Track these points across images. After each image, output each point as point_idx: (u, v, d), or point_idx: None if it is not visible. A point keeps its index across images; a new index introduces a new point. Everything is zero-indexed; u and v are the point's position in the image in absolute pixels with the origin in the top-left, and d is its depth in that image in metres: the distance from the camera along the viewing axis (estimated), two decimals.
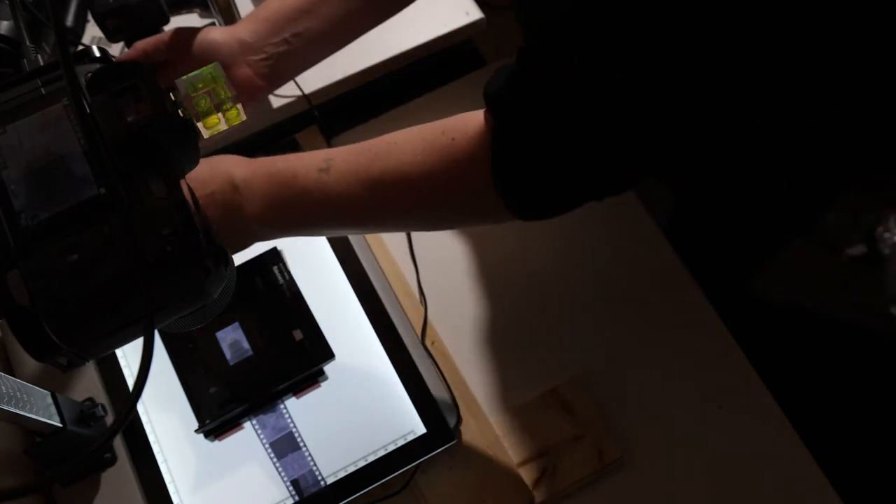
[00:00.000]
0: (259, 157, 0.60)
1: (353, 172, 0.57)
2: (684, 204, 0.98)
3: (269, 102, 0.88)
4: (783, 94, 0.51)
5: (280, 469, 0.71)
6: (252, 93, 0.68)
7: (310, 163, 0.58)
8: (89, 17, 0.89)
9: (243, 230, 0.60)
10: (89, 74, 0.41)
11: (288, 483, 0.70)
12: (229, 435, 0.72)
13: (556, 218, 0.81)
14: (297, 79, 0.88)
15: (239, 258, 0.73)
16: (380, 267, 0.79)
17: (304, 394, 0.73)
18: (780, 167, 0.57)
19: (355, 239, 0.79)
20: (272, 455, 0.71)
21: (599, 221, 0.83)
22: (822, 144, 0.54)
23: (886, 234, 1.43)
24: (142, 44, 0.70)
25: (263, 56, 0.69)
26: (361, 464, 0.70)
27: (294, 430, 0.72)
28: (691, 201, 0.98)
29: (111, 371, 0.75)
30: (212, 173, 0.59)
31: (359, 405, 0.73)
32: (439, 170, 0.55)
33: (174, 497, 0.70)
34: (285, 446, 0.71)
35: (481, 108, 0.60)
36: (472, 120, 0.54)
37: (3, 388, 0.58)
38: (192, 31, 0.68)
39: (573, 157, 0.52)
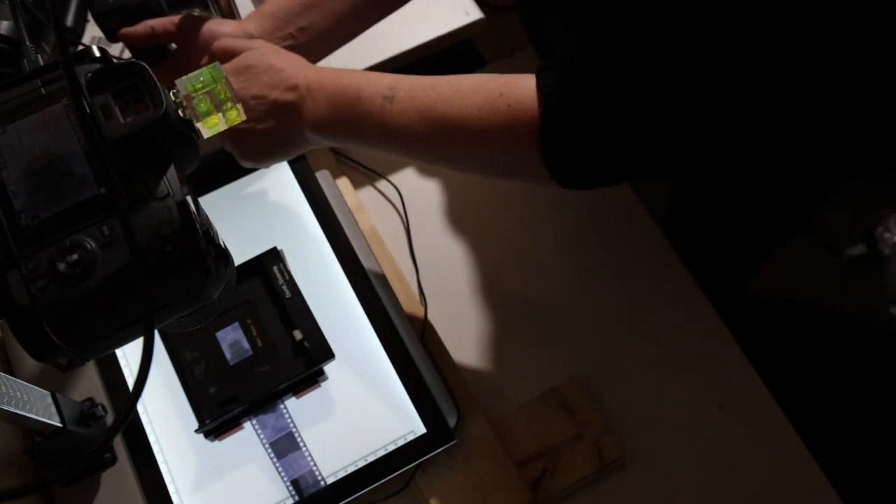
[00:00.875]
0: (325, 68, 0.64)
1: (416, 109, 0.60)
2: (683, 202, 0.98)
3: None
4: (783, 94, 0.51)
5: (280, 469, 0.71)
6: None
7: (375, 87, 0.61)
8: (89, 17, 0.89)
9: (298, 136, 0.64)
10: (89, 74, 0.41)
11: (288, 483, 0.70)
12: (229, 435, 0.72)
13: (556, 218, 0.82)
14: None
15: (239, 258, 0.73)
16: (380, 267, 0.79)
17: (304, 394, 0.73)
18: (779, 166, 0.57)
19: (355, 239, 0.79)
20: (272, 455, 0.71)
21: (599, 221, 0.83)
22: (822, 143, 0.54)
23: (886, 234, 1.43)
24: (151, 21, 0.71)
25: None
26: (361, 464, 0.70)
27: (294, 430, 0.72)
28: (690, 200, 0.98)
29: (111, 371, 0.75)
30: (276, 79, 0.63)
31: (359, 405, 0.73)
32: (494, 129, 0.58)
33: (174, 497, 0.70)
34: (285, 446, 0.71)
35: None
36: (527, 89, 0.57)
37: (3, 388, 0.58)
38: (201, 20, 0.69)
39: (608, 144, 0.56)
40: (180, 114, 0.44)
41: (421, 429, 0.71)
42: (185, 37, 0.71)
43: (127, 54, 0.87)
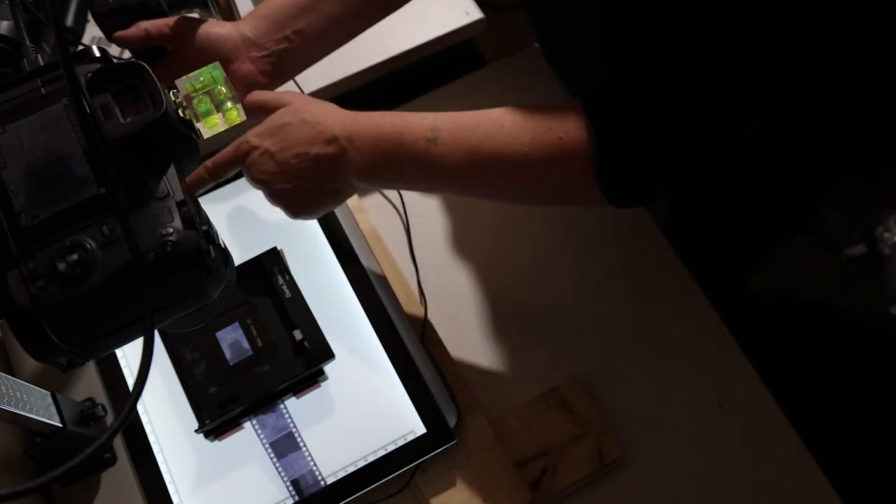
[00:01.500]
0: (360, 113, 0.64)
1: (462, 149, 0.60)
2: (683, 202, 0.98)
3: None
4: (783, 94, 0.51)
5: (280, 469, 0.71)
6: (254, 89, 0.68)
7: (417, 130, 0.61)
8: (89, 17, 0.89)
9: (345, 186, 0.64)
10: (89, 74, 0.41)
11: (288, 483, 0.70)
12: (229, 435, 0.72)
13: (556, 218, 0.82)
14: (297, 78, 0.88)
15: (239, 258, 0.73)
16: (380, 267, 0.79)
17: (304, 394, 0.73)
18: (779, 166, 0.57)
19: (355, 239, 0.79)
20: (272, 455, 0.71)
21: (599, 221, 0.83)
22: (822, 143, 0.54)
23: (886, 234, 1.43)
24: (145, 24, 0.71)
25: (266, 52, 0.70)
26: (361, 464, 0.70)
27: (294, 430, 0.72)
28: (690, 200, 0.98)
29: (111, 371, 0.75)
30: (313, 135, 0.62)
31: (359, 405, 0.73)
32: (546, 163, 0.58)
33: (174, 497, 0.70)
34: (285, 446, 0.71)
35: (481, 108, 0.60)
36: (576, 119, 0.57)
37: (3, 388, 0.58)
38: (196, 22, 0.69)
39: (663, 162, 0.56)
40: (180, 114, 0.44)
41: (421, 429, 0.71)
42: (181, 39, 0.70)
43: (127, 54, 0.87)
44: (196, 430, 0.70)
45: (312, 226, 0.80)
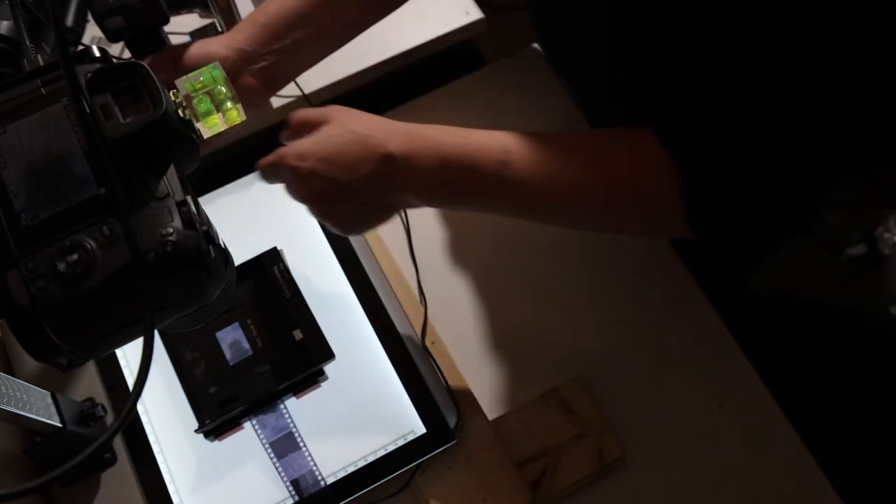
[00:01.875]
0: (415, 127, 0.60)
1: (536, 176, 0.57)
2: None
3: (269, 102, 0.88)
4: (783, 94, 0.51)
5: (280, 469, 0.71)
6: (254, 100, 0.68)
7: (487, 152, 0.58)
8: (89, 17, 0.89)
9: (402, 203, 0.61)
10: (89, 74, 0.41)
11: (288, 483, 0.70)
12: (229, 435, 0.72)
13: None
14: (297, 79, 0.88)
15: (239, 258, 0.73)
16: (380, 267, 0.79)
17: (304, 394, 0.73)
18: (780, 166, 0.57)
19: (355, 239, 0.79)
20: (272, 455, 0.71)
21: None
22: (823, 143, 0.54)
23: (886, 234, 1.43)
24: (148, 61, 0.68)
25: (264, 64, 0.68)
26: (361, 464, 0.70)
27: (294, 430, 0.72)
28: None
29: (111, 371, 0.75)
30: (365, 152, 0.58)
31: (359, 405, 0.73)
32: (626, 194, 0.57)
33: (174, 497, 0.70)
34: (285, 446, 0.71)
35: (479, 109, 0.60)
36: (656, 151, 0.55)
37: (3, 388, 0.58)
38: (193, 46, 0.67)
39: (750, 193, 0.54)
40: (180, 114, 0.44)
41: (421, 429, 0.71)
42: (183, 68, 0.68)
43: (127, 54, 0.87)
44: (196, 430, 0.70)
45: (312, 226, 0.80)
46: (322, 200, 0.60)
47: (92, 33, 0.90)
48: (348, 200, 0.59)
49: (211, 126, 0.47)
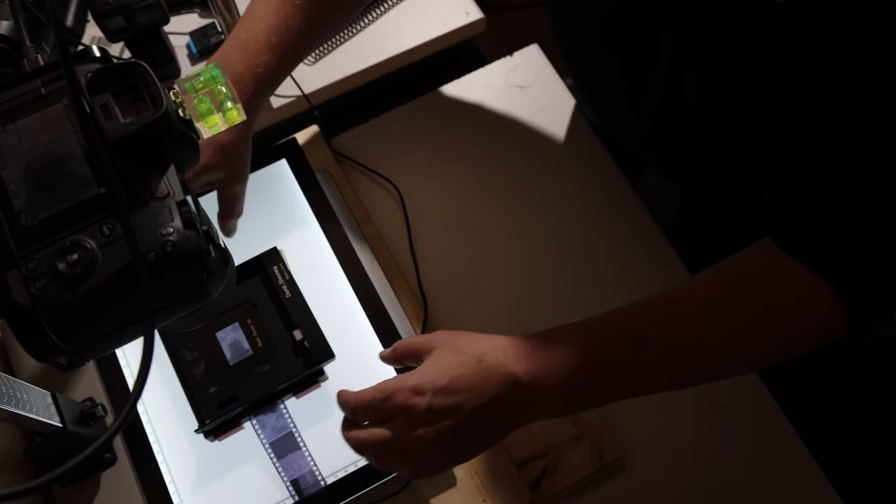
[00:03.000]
0: (535, 342, 0.55)
1: (674, 347, 0.53)
2: (689, 211, 0.98)
3: (269, 102, 0.88)
4: (790, 102, 0.50)
5: (280, 469, 0.71)
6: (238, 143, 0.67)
7: (615, 340, 0.54)
8: (89, 17, 0.89)
9: (530, 419, 0.56)
10: (89, 74, 0.41)
11: (288, 483, 0.70)
12: (229, 435, 0.72)
13: (560, 222, 0.80)
14: (298, 79, 0.88)
15: (239, 258, 0.73)
16: (380, 267, 0.79)
17: (304, 394, 0.73)
18: (785, 168, 0.57)
19: (355, 238, 0.79)
20: (272, 455, 0.71)
21: (604, 226, 0.83)
22: (827, 144, 0.54)
23: None
24: (199, 183, 0.66)
25: (251, 91, 0.66)
26: (361, 464, 0.70)
27: (294, 430, 0.72)
28: (696, 208, 0.98)
29: (111, 371, 0.75)
30: (485, 376, 0.53)
31: None
32: (780, 339, 0.53)
33: (174, 497, 0.70)
34: (285, 446, 0.71)
35: (479, 109, 0.60)
36: (797, 280, 0.51)
37: (3, 388, 0.58)
38: (211, 146, 0.65)
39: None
40: (180, 114, 0.44)
41: None
42: (223, 167, 0.67)
43: (127, 54, 0.87)
44: (196, 430, 0.70)
45: (312, 226, 0.80)
46: (444, 438, 0.53)
47: (92, 33, 0.90)
48: (481, 431, 0.54)
49: (211, 126, 0.47)
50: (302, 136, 0.86)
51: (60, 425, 0.65)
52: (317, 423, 0.72)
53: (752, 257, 0.54)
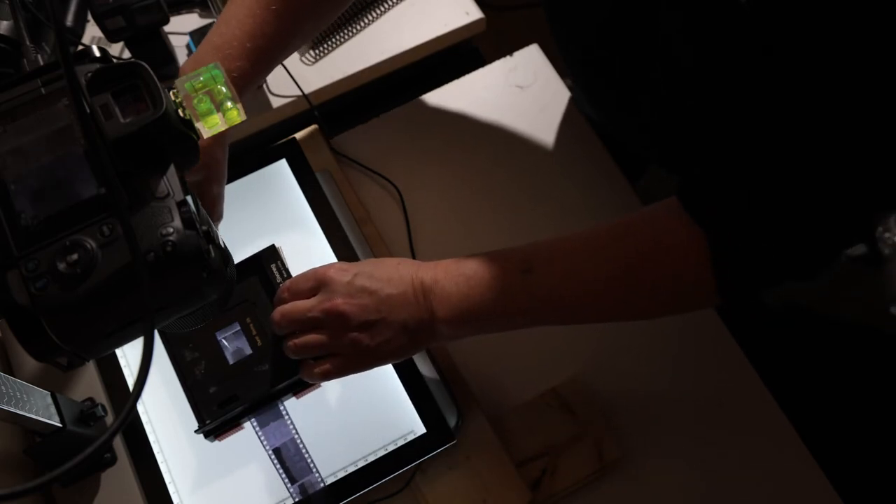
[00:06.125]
0: (445, 261, 0.62)
1: (561, 274, 0.58)
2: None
3: (269, 102, 0.88)
4: (799, 143, 0.50)
5: (280, 469, 0.71)
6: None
7: (509, 262, 0.60)
8: (89, 17, 0.89)
9: (430, 331, 0.62)
10: (89, 74, 0.41)
11: (288, 483, 0.70)
12: (229, 435, 0.71)
13: (559, 220, 0.81)
14: (298, 79, 0.88)
15: (238, 257, 0.73)
16: None
17: (304, 394, 0.73)
18: (803, 218, 0.57)
19: (355, 239, 0.79)
20: (272, 455, 0.71)
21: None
22: (845, 189, 0.54)
23: (886, 234, 1.43)
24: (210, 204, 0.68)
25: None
26: (361, 464, 0.70)
27: (294, 430, 0.72)
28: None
29: (111, 371, 0.75)
30: (401, 274, 0.61)
31: (359, 405, 0.73)
32: (657, 281, 0.56)
33: (174, 497, 0.70)
34: (285, 446, 0.71)
35: (479, 109, 0.60)
36: (682, 227, 0.54)
37: (3, 388, 0.58)
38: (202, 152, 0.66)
39: (779, 251, 0.53)
40: (180, 114, 0.44)
41: (421, 429, 0.71)
42: (210, 168, 0.68)
43: (127, 54, 0.87)
44: (196, 431, 0.70)
45: (312, 225, 0.80)
46: (364, 315, 0.60)
47: (92, 33, 0.90)
48: (388, 320, 0.60)
49: (211, 126, 0.47)
50: (302, 136, 0.86)
51: (60, 425, 0.65)
52: (316, 423, 0.72)
53: (656, 208, 0.57)
